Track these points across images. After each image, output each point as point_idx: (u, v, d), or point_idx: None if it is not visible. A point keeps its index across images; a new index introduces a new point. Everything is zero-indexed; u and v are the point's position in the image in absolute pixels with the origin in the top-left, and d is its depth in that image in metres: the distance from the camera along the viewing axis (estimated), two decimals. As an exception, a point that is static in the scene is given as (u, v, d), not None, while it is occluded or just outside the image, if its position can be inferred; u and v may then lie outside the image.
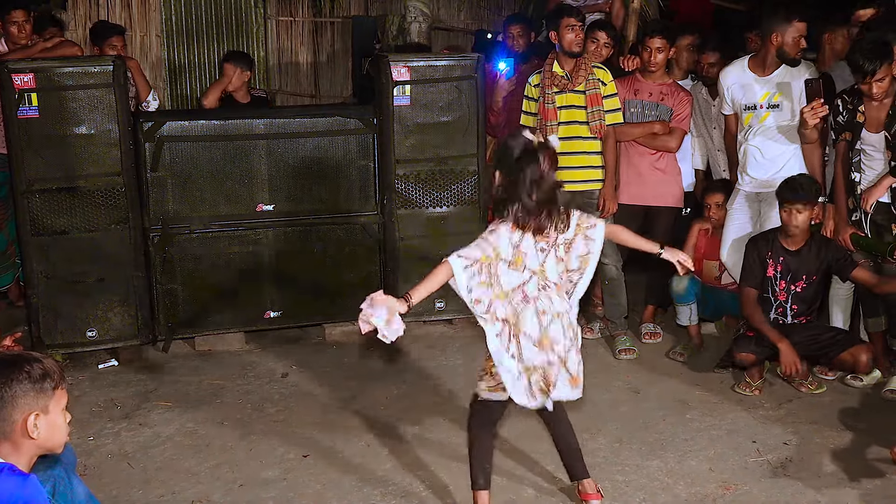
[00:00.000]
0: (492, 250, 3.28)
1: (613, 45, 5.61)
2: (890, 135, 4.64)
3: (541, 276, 3.34)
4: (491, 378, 3.42)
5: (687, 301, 5.41)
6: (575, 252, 3.41)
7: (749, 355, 4.72)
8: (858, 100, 4.73)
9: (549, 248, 3.35)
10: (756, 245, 4.84)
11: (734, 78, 5.10)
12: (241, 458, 4.11)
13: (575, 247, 3.40)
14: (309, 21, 9.57)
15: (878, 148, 4.71)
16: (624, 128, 5.43)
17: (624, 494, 3.78)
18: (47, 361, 2.46)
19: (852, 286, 5.00)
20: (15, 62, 4.96)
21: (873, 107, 4.69)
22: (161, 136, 5.16)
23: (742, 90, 5.07)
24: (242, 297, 5.45)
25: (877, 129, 4.69)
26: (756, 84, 5.01)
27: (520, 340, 3.32)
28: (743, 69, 5.05)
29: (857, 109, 4.73)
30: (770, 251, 4.78)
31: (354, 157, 5.52)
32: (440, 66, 5.51)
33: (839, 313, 5.09)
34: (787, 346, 4.61)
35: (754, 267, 4.80)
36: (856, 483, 3.84)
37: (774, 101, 4.95)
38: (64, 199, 5.00)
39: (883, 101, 4.65)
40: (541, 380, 3.33)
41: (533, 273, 3.33)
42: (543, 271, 3.35)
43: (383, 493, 3.79)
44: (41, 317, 5.08)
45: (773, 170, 5.00)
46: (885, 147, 4.67)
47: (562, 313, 3.36)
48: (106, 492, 3.76)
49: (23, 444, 2.40)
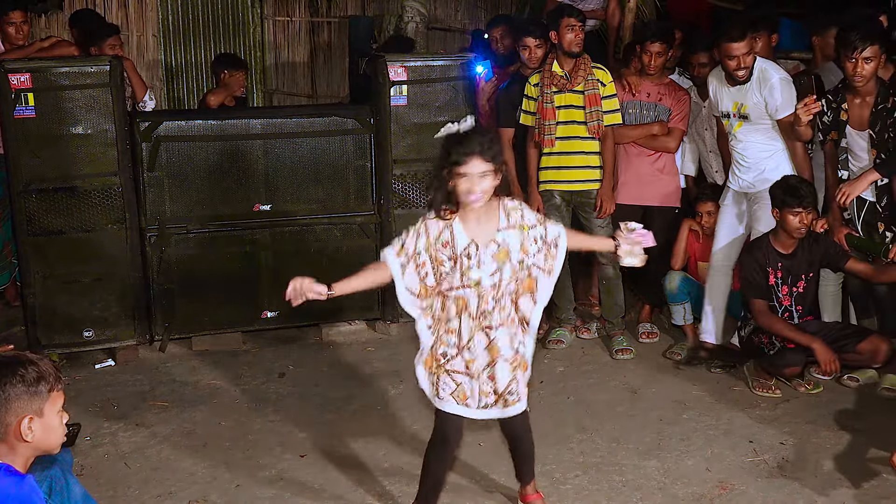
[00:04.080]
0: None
1: (545, 44, 5.55)
2: (874, 133, 4.64)
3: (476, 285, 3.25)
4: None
5: (680, 300, 5.41)
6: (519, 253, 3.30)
7: (796, 369, 4.70)
8: (842, 98, 4.74)
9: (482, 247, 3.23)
10: (753, 255, 4.80)
11: (714, 82, 5.10)
12: (239, 458, 4.11)
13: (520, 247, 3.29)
14: (306, 21, 9.55)
15: (864, 147, 4.71)
16: (622, 130, 5.43)
17: (621, 494, 3.78)
18: (42, 363, 2.45)
19: (840, 282, 5.01)
20: (11, 62, 4.95)
21: (856, 104, 4.70)
22: (158, 136, 5.16)
23: (718, 96, 5.07)
24: (239, 297, 5.45)
25: (861, 126, 4.70)
26: (726, 93, 5.00)
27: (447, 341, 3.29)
28: (720, 76, 5.05)
29: (840, 108, 4.74)
30: (767, 259, 4.77)
31: (351, 157, 5.52)
32: (437, 66, 5.52)
33: (829, 310, 5.10)
34: (821, 344, 4.58)
35: (757, 277, 4.76)
36: (853, 483, 3.83)
37: (743, 111, 4.94)
38: (61, 199, 4.99)
39: (865, 99, 4.65)
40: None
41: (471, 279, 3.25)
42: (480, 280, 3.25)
43: (381, 493, 3.79)
44: (38, 317, 5.07)
45: (756, 172, 4.99)
46: (870, 146, 4.68)
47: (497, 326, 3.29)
48: (103, 492, 3.75)
49: (18, 445, 2.40)
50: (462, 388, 3.31)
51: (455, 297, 3.25)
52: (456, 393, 3.31)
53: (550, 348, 5.44)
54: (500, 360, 3.29)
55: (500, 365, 3.30)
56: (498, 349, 3.28)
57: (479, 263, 3.20)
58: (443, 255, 3.21)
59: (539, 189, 5.37)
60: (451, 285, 3.24)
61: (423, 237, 3.23)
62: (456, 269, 3.21)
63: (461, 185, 3.11)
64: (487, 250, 3.21)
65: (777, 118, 4.85)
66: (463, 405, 3.32)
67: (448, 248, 3.21)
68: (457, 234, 3.21)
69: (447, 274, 3.23)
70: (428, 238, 3.22)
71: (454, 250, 3.20)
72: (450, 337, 3.29)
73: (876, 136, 4.64)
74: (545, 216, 3.62)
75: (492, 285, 3.23)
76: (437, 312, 3.30)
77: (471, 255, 3.20)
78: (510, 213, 3.26)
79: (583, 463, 4.04)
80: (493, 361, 3.29)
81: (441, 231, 3.22)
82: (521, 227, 3.26)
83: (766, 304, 4.75)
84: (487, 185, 3.12)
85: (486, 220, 3.23)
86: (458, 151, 3.09)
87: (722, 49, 4.81)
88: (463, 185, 3.11)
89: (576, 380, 5.01)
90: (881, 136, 4.62)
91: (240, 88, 6.16)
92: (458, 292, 3.24)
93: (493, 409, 3.35)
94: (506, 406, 3.35)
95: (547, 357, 5.33)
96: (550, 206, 5.35)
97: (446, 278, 3.24)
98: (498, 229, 3.23)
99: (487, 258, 3.21)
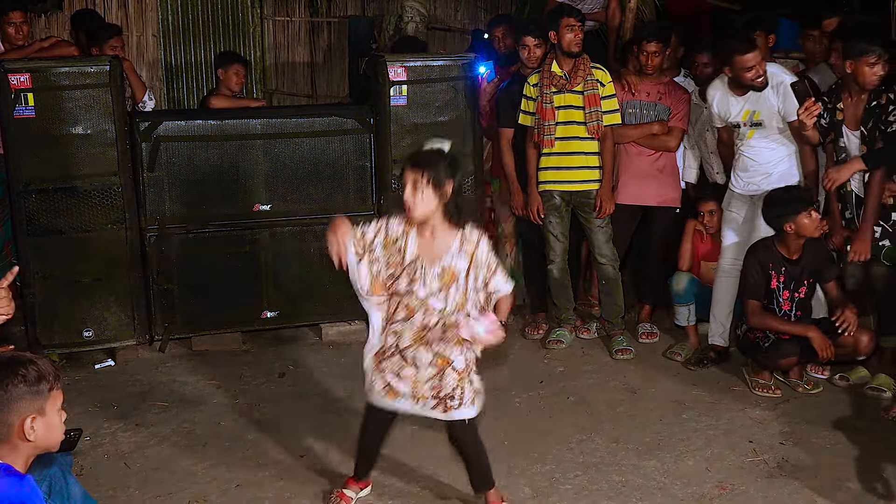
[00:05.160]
0: None
1: (544, 43, 5.56)
2: (866, 130, 4.65)
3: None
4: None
5: (686, 301, 5.41)
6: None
7: (792, 359, 4.72)
8: (837, 98, 4.75)
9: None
10: (756, 256, 4.79)
11: (717, 93, 5.08)
12: (238, 458, 4.11)
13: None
14: (305, 21, 9.55)
15: (858, 146, 4.71)
16: (622, 130, 5.43)
17: (620, 494, 3.78)
18: (42, 363, 2.45)
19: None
20: (11, 62, 4.95)
21: (851, 103, 4.70)
22: (158, 136, 5.16)
23: (725, 107, 5.04)
24: (239, 297, 5.45)
25: (856, 125, 4.70)
26: (734, 102, 4.98)
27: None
28: (724, 86, 5.02)
29: (836, 108, 4.74)
30: (771, 263, 4.77)
31: (351, 157, 5.52)
32: (436, 66, 5.52)
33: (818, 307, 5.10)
34: (816, 331, 4.61)
35: (756, 279, 4.75)
36: (852, 483, 3.84)
37: (756, 119, 4.93)
38: (60, 199, 4.99)
39: (860, 97, 4.66)
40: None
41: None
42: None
43: (380, 493, 3.79)
44: (38, 317, 5.08)
45: (764, 175, 4.99)
46: (861, 143, 4.68)
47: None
48: (102, 492, 3.75)
49: (20, 445, 2.40)
50: (392, 386, 3.44)
51: (404, 303, 3.37)
52: (386, 389, 3.45)
53: (550, 348, 5.44)
54: (449, 369, 3.40)
55: (448, 374, 3.40)
56: (448, 360, 3.39)
57: (424, 281, 3.32)
58: (395, 258, 3.34)
59: (538, 189, 5.37)
60: (400, 291, 3.36)
61: (382, 233, 3.38)
62: (404, 278, 3.34)
63: (405, 196, 3.30)
64: (433, 270, 3.33)
65: (789, 120, 4.85)
66: (392, 401, 3.46)
67: (399, 255, 3.35)
68: (409, 245, 3.35)
69: (398, 279, 3.35)
70: (386, 237, 3.37)
71: (403, 259, 3.34)
72: (391, 338, 3.41)
73: (868, 134, 4.64)
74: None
75: (438, 305, 3.34)
76: (387, 312, 3.42)
77: (416, 270, 3.33)
78: (465, 241, 3.36)
79: (583, 463, 4.04)
80: (441, 371, 3.39)
81: (398, 236, 3.36)
82: (470, 255, 3.35)
83: (759, 304, 4.76)
84: (420, 200, 3.27)
85: (441, 240, 3.34)
86: (410, 160, 3.33)
87: (735, 62, 4.78)
88: (405, 191, 3.29)
89: (576, 380, 5.01)
90: (872, 133, 4.63)
91: (238, 83, 6.11)
92: (406, 300, 3.36)
93: (432, 410, 3.45)
94: (446, 410, 3.44)
95: (547, 357, 5.33)
96: (550, 206, 5.36)
97: (397, 282, 3.35)
98: (448, 252, 3.34)
99: (433, 278, 3.32)
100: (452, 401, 3.42)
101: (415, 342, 3.38)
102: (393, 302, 3.40)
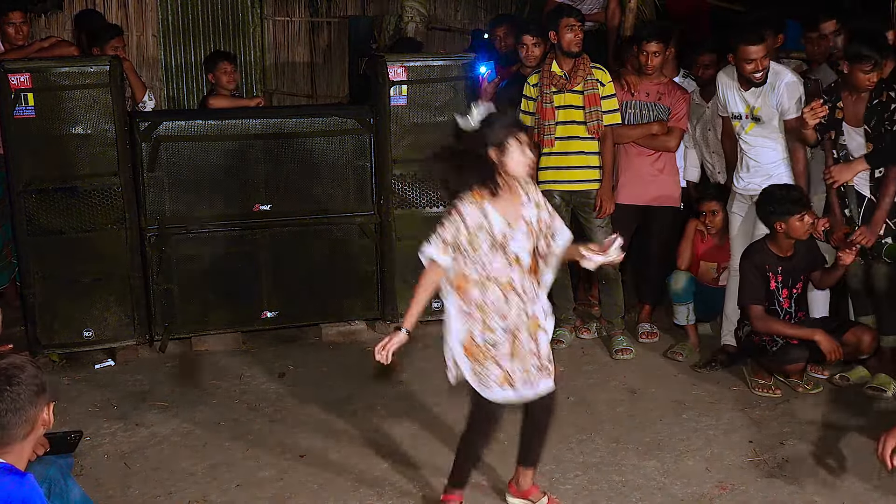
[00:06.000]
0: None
1: (543, 43, 5.57)
2: (870, 128, 4.65)
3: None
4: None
5: (684, 301, 5.41)
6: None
7: (800, 364, 4.71)
8: (836, 96, 4.75)
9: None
10: (752, 261, 4.78)
11: (726, 82, 5.10)
12: (238, 458, 4.11)
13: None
14: (305, 21, 9.55)
15: (860, 143, 4.71)
16: (622, 130, 5.43)
17: (620, 494, 3.78)
18: (27, 365, 2.52)
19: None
20: (11, 62, 4.95)
21: (851, 101, 4.70)
22: (158, 136, 5.16)
23: (730, 97, 5.06)
24: (239, 298, 5.45)
25: (857, 123, 4.71)
26: (739, 95, 5.00)
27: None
28: (732, 76, 5.04)
29: (835, 106, 4.74)
30: (767, 264, 4.76)
31: (351, 157, 5.52)
32: (436, 66, 5.52)
33: (819, 306, 5.10)
34: (823, 334, 4.59)
35: (756, 283, 4.74)
36: (852, 483, 3.84)
37: (756, 113, 4.95)
38: (60, 199, 4.99)
39: (861, 95, 4.66)
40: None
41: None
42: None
43: (380, 493, 3.79)
44: (38, 317, 5.07)
45: (764, 176, 4.99)
46: (866, 140, 4.68)
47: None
48: (102, 492, 3.76)
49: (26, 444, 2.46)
50: (506, 372, 3.37)
51: (497, 280, 3.33)
52: (502, 378, 3.37)
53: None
54: (540, 331, 3.43)
55: (541, 336, 3.43)
56: (537, 322, 3.41)
57: (515, 241, 3.33)
58: (481, 239, 3.31)
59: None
60: (489, 270, 3.32)
61: (463, 227, 3.32)
62: (497, 250, 3.31)
63: (514, 158, 3.28)
64: (520, 228, 3.35)
65: (784, 119, 4.86)
66: (509, 389, 3.39)
67: (484, 232, 3.31)
68: (491, 217, 3.32)
69: (486, 256, 3.31)
70: (468, 228, 3.31)
71: (491, 233, 3.31)
72: (497, 321, 3.35)
73: (872, 131, 4.65)
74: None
75: (528, 261, 3.36)
76: (478, 300, 3.35)
77: (506, 235, 3.31)
78: (528, 189, 3.43)
79: (583, 463, 4.04)
80: (535, 335, 3.40)
81: (477, 217, 3.32)
82: (536, 204, 3.42)
83: (762, 308, 4.74)
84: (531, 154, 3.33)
85: (512, 198, 3.37)
86: (504, 130, 3.28)
87: (739, 52, 4.80)
88: (515, 157, 3.28)
89: (576, 380, 5.01)
90: (877, 130, 4.63)
91: (230, 81, 6.06)
92: (500, 274, 3.32)
93: (539, 384, 3.41)
94: (549, 376, 3.44)
95: (547, 357, 5.33)
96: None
97: (484, 263, 3.32)
98: (522, 205, 3.38)
99: (521, 235, 3.34)
100: (551, 364, 3.45)
101: (520, 310, 3.35)
102: (482, 286, 3.34)
